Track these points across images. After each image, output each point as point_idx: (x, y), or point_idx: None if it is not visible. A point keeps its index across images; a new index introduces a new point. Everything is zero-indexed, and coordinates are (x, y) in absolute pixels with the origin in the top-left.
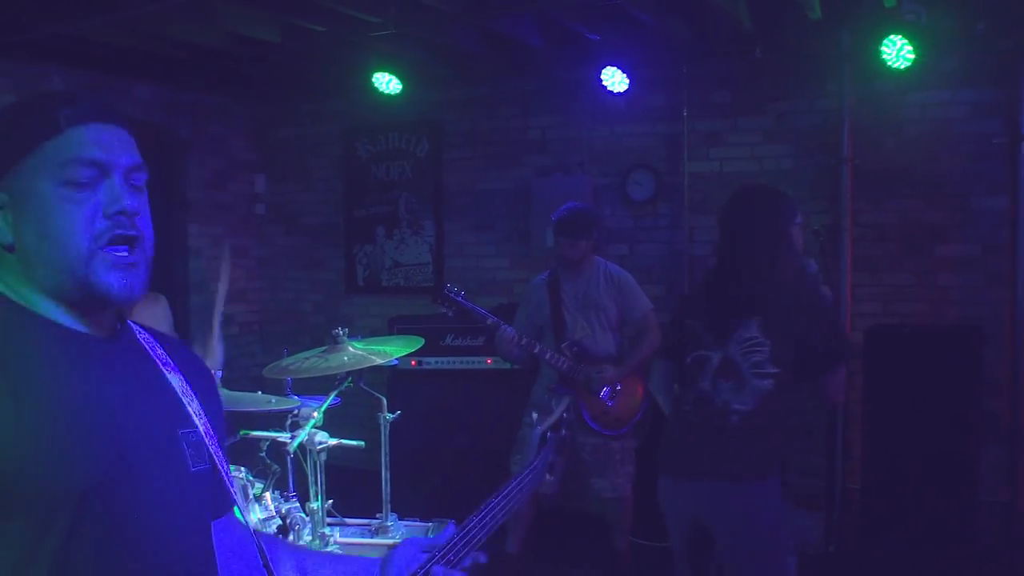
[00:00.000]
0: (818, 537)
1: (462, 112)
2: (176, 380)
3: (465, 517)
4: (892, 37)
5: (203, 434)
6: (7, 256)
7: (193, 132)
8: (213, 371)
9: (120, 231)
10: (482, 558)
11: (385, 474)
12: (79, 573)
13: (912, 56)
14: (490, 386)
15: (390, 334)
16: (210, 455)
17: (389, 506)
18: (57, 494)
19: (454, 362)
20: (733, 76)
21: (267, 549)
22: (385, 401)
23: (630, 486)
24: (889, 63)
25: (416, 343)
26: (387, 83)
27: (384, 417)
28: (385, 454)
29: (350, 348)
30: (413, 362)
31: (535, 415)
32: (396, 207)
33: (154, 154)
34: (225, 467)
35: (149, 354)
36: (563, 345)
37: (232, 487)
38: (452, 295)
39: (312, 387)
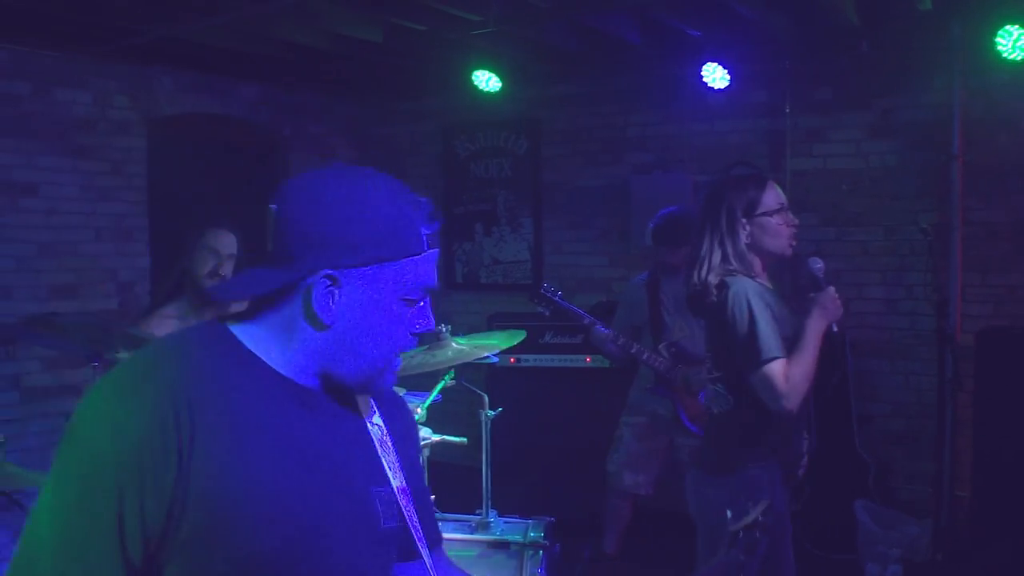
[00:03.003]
0: (925, 545)
1: (561, 109)
2: (376, 431)
3: (562, 514)
4: (1008, 27)
5: (396, 490)
6: (296, 319)
7: (294, 131)
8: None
9: (413, 347)
10: None
11: (486, 471)
12: None
13: None
14: (588, 385)
15: (490, 331)
16: (401, 512)
17: (489, 503)
18: (255, 546)
19: (553, 360)
20: (837, 71)
21: None
22: (487, 398)
23: None
24: (1004, 54)
25: (518, 335)
26: (486, 81)
27: (486, 414)
28: (486, 451)
29: (454, 344)
30: (512, 359)
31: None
32: (495, 204)
33: (256, 152)
34: (424, 512)
35: (355, 405)
36: (661, 346)
37: (435, 530)
38: (549, 295)
39: (415, 383)
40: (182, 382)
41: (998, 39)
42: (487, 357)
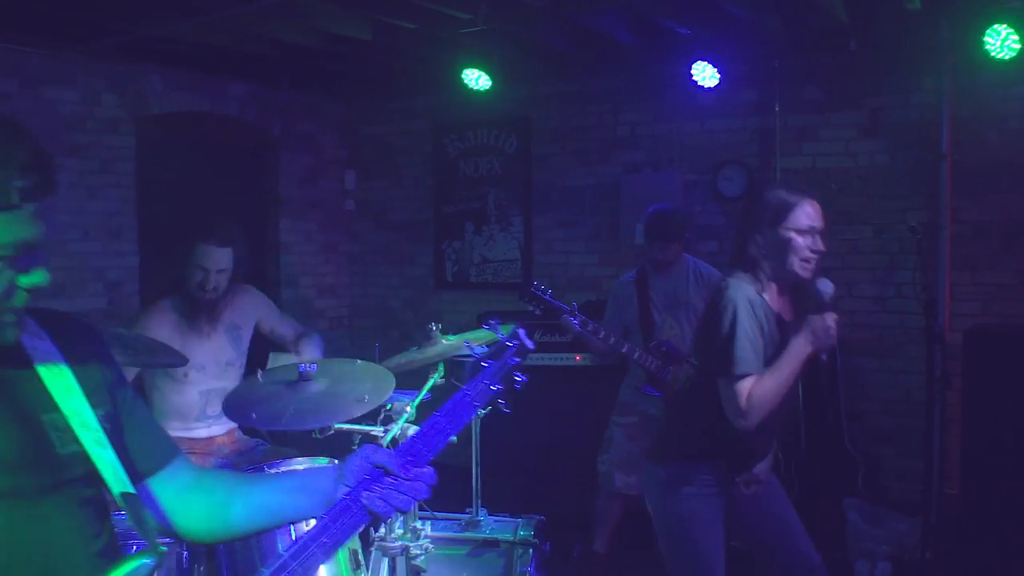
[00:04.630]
0: (914, 543)
1: (551, 108)
2: (44, 359)
3: (552, 513)
4: (996, 26)
5: (71, 415)
6: None
7: (284, 130)
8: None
9: (25, 301)
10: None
11: (476, 470)
12: None
13: (1018, 46)
14: (578, 383)
15: (479, 329)
16: (78, 436)
17: (479, 501)
18: None
19: (543, 358)
20: (826, 70)
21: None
22: None
23: None
24: (992, 53)
25: (508, 328)
26: (476, 79)
27: (476, 413)
28: (476, 450)
29: (443, 341)
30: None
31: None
32: (485, 203)
33: (246, 151)
34: (132, 432)
35: (22, 344)
36: (651, 345)
37: (158, 446)
38: (539, 293)
39: (404, 382)
40: None
41: (986, 38)
42: (475, 354)
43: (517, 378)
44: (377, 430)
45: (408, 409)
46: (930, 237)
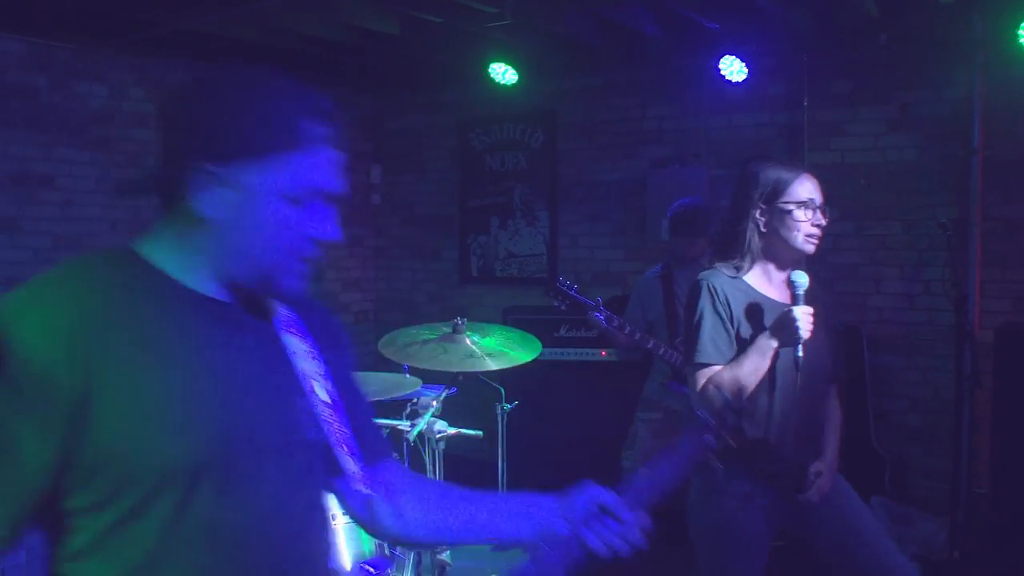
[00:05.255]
0: (942, 542)
1: (577, 102)
2: (296, 342)
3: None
4: None
5: (319, 401)
6: (196, 226)
7: None
8: None
9: (317, 255)
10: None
11: (502, 464)
12: (187, 540)
13: None
14: (604, 378)
15: (504, 324)
16: (320, 423)
17: None
18: (174, 464)
19: (568, 353)
20: (856, 64)
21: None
22: (503, 392)
23: None
24: None
25: (534, 346)
26: (503, 73)
27: (502, 408)
28: (502, 444)
29: (467, 341)
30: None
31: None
32: (511, 198)
33: None
34: (359, 424)
35: (274, 322)
36: (677, 340)
37: (377, 442)
38: (564, 288)
39: (429, 375)
40: (85, 302)
41: (1019, 32)
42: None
43: (729, 438)
44: (404, 424)
45: (435, 404)
46: (960, 233)
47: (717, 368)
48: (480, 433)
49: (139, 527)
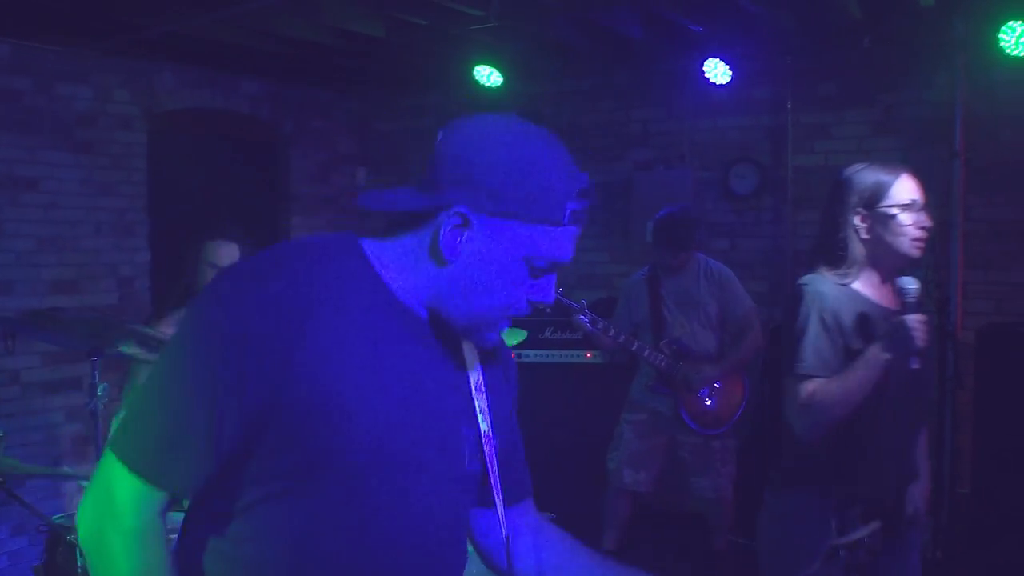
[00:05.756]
0: (925, 543)
1: (562, 105)
2: (474, 376)
3: (562, 510)
4: (1011, 24)
5: (482, 435)
6: (424, 251)
7: (296, 126)
8: None
9: (526, 313)
10: None
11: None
12: (339, 528)
13: None
14: (589, 381)
15: None
16: (484, 457)
17: None
18: (343, 446)
19: (553, 356)
20: (840, 67)
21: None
22: None
23: (731, 486)
24: (1007, 51)
25: (519, 335)
26: (488, 76)
27: None
28: None
29: None
30: (512, 355)
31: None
32: None
33: (260, 148)
34: (509, 463)
35: (460, 345)
36: (662, 343)
37: (523, 482)
38: None
39: None
40: (303, 284)
41: (1001, 35)
42: None
43: None
44: None
45: None
46: (943, 235)
47: (820, 381)
48: None
49: (298, 506)
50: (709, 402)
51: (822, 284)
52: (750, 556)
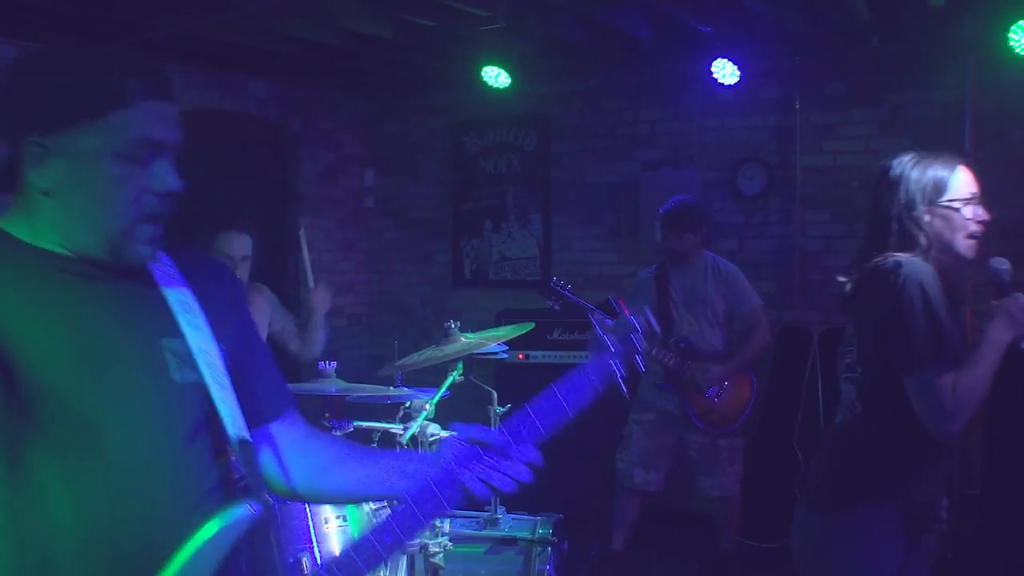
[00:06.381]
0: (933, 544)
1: (570, 106)
2: (175, 292)
3: (571, 511)
4: (1021, 23)
5: (197, 347)
6: (40, 199)
7: (305, 127)
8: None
9: (162, 210)
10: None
11: None
12: (93, 481)
13: None
14: None
15: (498, 327)
16: (197, 367)
17: (498, 499)
18: (28, 396)
19: (561, 356)
20: (848, 67)
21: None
22: (495, 394)
23: (738, 485)
24: (1016, 51)
25: (527, 326)
26: (496, 77)
27: (495, 410)
28: None
29: (462, 339)
30: (521, 355)
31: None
32: (504, 201)
33: (267, 149)
34: (257, 376)
35: (153, 273)
36: (669, 341)
37: (274, 395)
38: (559, 288)
39: (423, 379)
40: None
41: (1010, 35)
42: (495, 352)
43: (638, 361)
44: (396, 428)
45: (427, 407)
46: None
47: (953, 374)
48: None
49: (65, 464)
50: (717, 401)
51: (916, 265)
52: (757, 557)
